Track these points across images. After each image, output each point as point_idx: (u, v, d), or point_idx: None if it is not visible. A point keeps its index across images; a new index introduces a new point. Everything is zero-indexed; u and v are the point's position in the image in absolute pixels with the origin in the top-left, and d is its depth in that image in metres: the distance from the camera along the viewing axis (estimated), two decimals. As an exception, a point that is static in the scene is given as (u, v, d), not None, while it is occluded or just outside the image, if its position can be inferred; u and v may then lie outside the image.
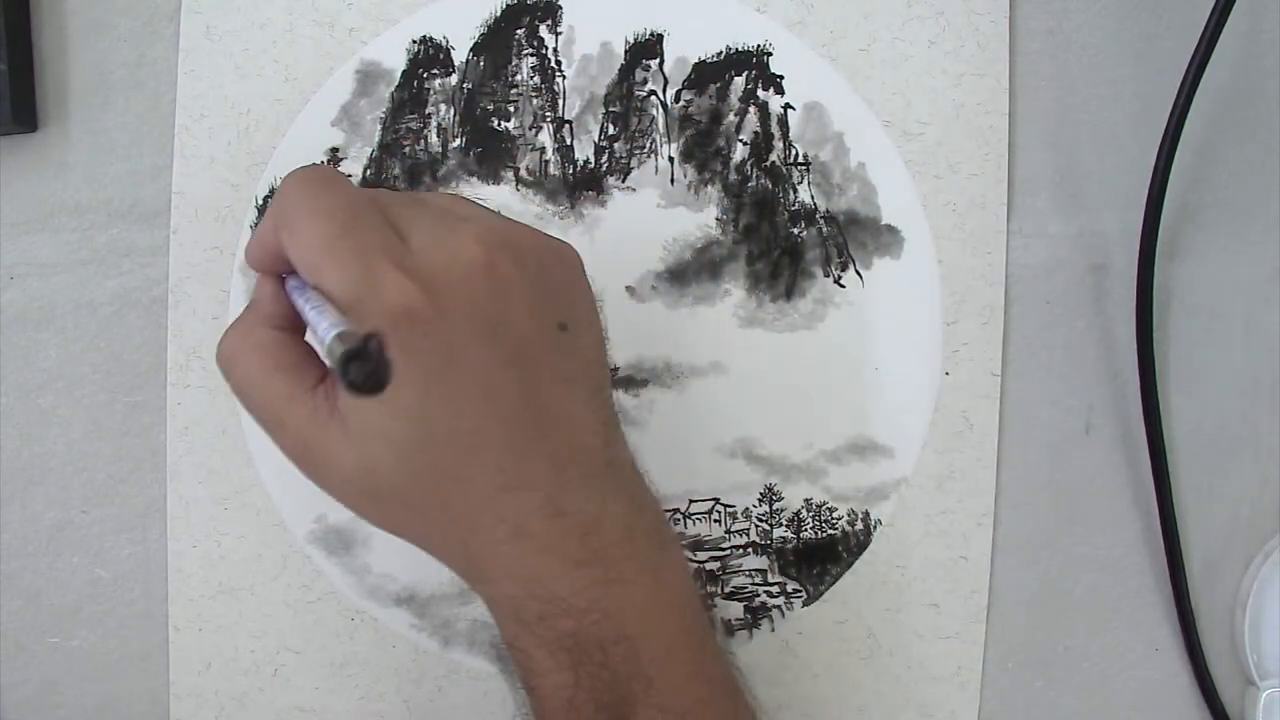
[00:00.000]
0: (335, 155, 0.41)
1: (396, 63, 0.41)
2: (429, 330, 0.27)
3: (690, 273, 0.41)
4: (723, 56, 0.41)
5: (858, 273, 0.41)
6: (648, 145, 0.41)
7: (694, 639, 0.31)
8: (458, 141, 0.41)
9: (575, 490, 0.29)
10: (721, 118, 0.41)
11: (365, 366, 0.22)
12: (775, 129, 0.41)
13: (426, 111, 0.41)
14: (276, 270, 0.31)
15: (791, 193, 0.41)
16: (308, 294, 0.28)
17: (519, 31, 0.41)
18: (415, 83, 0.41)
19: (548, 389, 0.29)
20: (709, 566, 0.41)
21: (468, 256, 0.28)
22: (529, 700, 0.31)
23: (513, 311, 0.29)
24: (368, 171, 0.41)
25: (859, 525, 0.41)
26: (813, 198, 0.41)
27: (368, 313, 0.27)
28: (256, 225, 0.41)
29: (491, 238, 0.29)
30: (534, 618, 0.29)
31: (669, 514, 0.41)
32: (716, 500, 0.41)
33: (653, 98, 0.41)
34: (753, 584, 0.41)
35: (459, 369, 0.28)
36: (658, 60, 0.41)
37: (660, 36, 0.41)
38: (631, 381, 0.41)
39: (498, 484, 0.28)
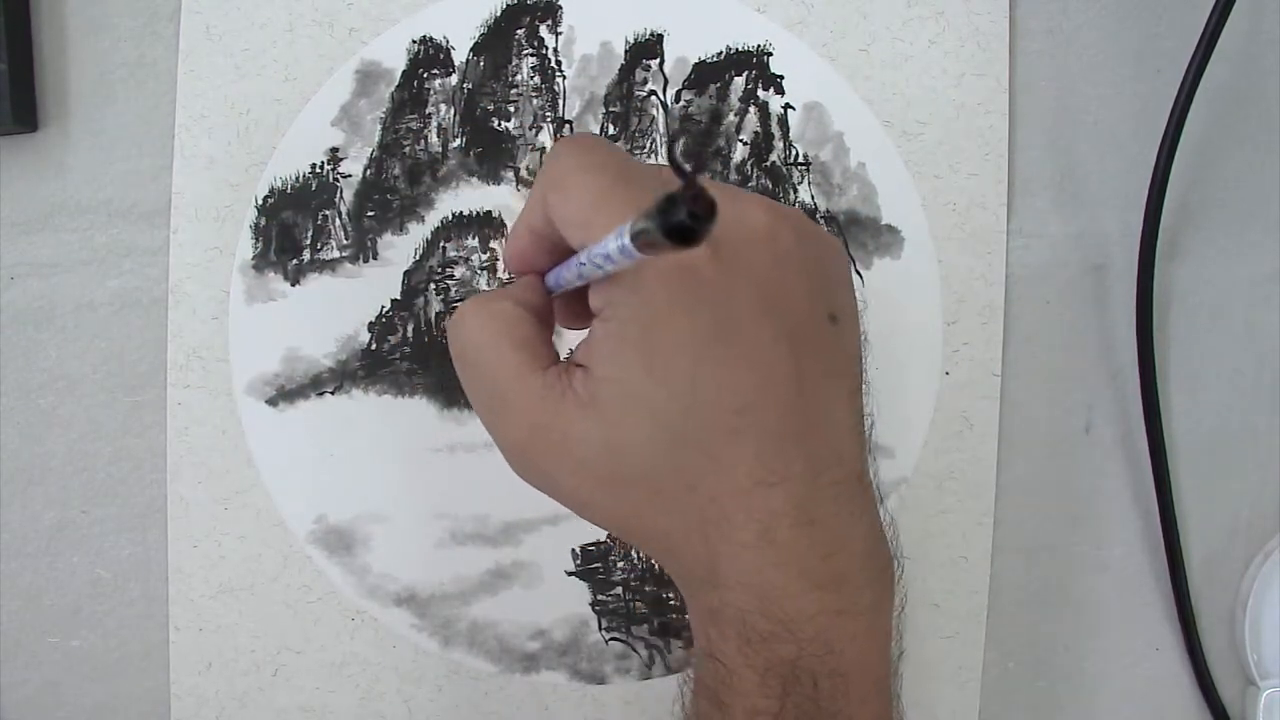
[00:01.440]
0: (335, 155, 0.41)
1: (397, 63, 0.41)
2: (709, 291, 0.25)
3: None
4: (723, 56, 0.41)
5: (858, 273, 0.41)
6: (648, 145, 0.41)
7: (889, 684, 0.29)
8: (458, 141, 0.41)
9: (827, 499, 0.26)
10: (721, 118, 0.41)
11: (692, 200, 0.18)
12: (775, 129, 0.41)
13: (427, 111, 0.41)
14: (536, 267, 0.29)
15: (792, 193, 0.41)
16: (578, 262, 0.26)
17: (519, 31, 0.41)
18: (415, 83, 0.41)
19: (814, 380, 0.26)
20: (709, 566, 0.41)
21: (754, 221, 0.26)
22: (705, 714, 0.28)
23: (792, 288, 0.26)
24: (368, 171, 0.41)
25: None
26: (813, 198, 0.41)
27: (642, 266, 0.24)
28: (257, 225, 0.41)
29: (775, 208, 0.27)
30: (759, 637, 0.26)
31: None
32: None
33: (653, 98, 0.41)
34: (753, 584, 0.41)
35: (736, 338, 0.25)
36: (658, 60, 0.41)
37: (660, 36, 0.41)
38: (632, 381, 0.41)
39: (756, 475, 0.26)
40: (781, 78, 0.41)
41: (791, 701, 0.26)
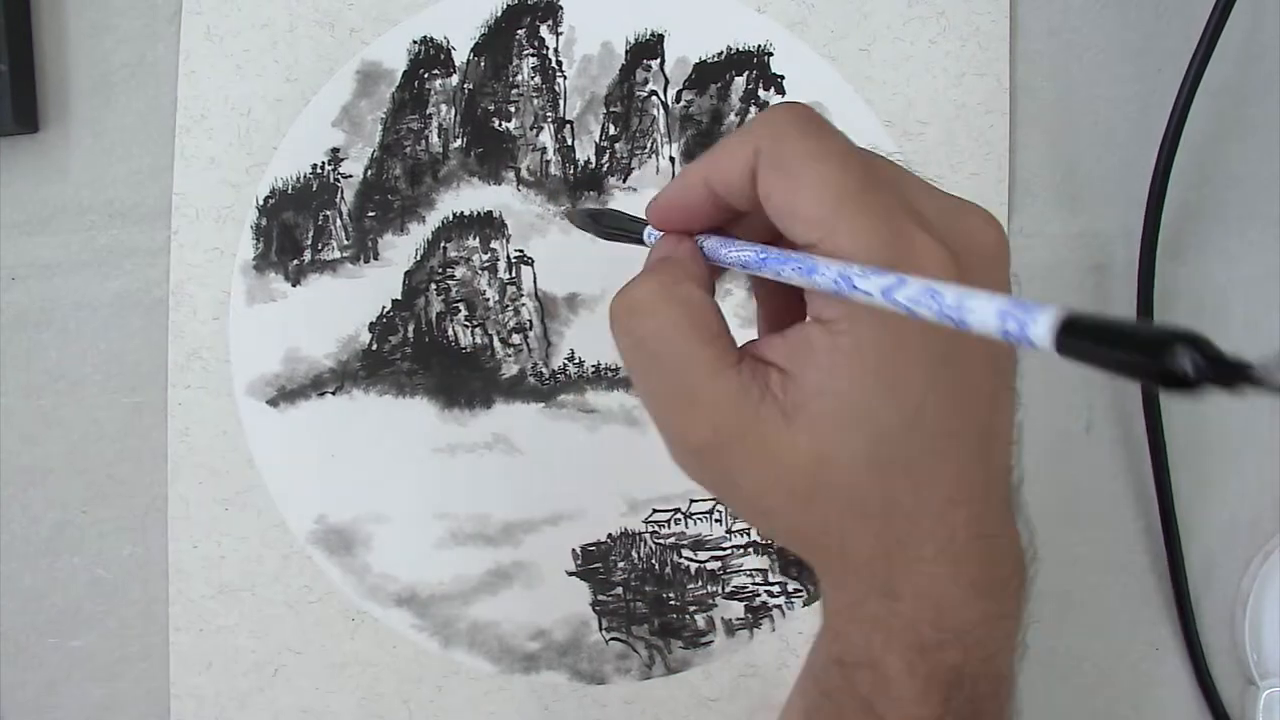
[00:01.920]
0: (336, 155, 0.41)
1: (397, 63, 0.41)
2: (947, 348, 0.24)
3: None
4: (723, 57, 0.41)
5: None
6: (649, 145, 0.41)
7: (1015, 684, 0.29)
8: (459, 142, 0.41)
9: (996, 512, 0.26)
10: (722, 118, 0.41)
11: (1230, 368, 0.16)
12: (776, 129, 0.41)
13: (427, 112, 0.41)
14: (695, 226, 0.27)
15: (792, 193, 0.41)
16: (799, 267, 0.24)
17: (520, 32, 0.41)
18: (416, 83, 0.41)
19: (1001, 397, 0.26)
20: (709, 566, 0.41)
21: (987, 238, 0.25)
22: (844, 713, 0.27)
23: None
24: (369, 172, 0.41)
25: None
26: (813, 198, 0.41)
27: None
28: (257, 226, 0.41)
29: (995, 221, 0.26)
30: (926, 646, 0.26)
31: (670, 513, 0.41)
32: (717, 500, 0.41)
33: (654, 98, 0.41)
34: (753, 584, 0.41)
35: (961, 360, 0.24)
36: (658, 60, 0.41)
37: (661, 37, 0.41)
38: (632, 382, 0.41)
39: (949, 494, 0.25)
40: (782, 78, 0.41)
41: (953, 706, 0.26)
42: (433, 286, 0.41)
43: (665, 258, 0.27)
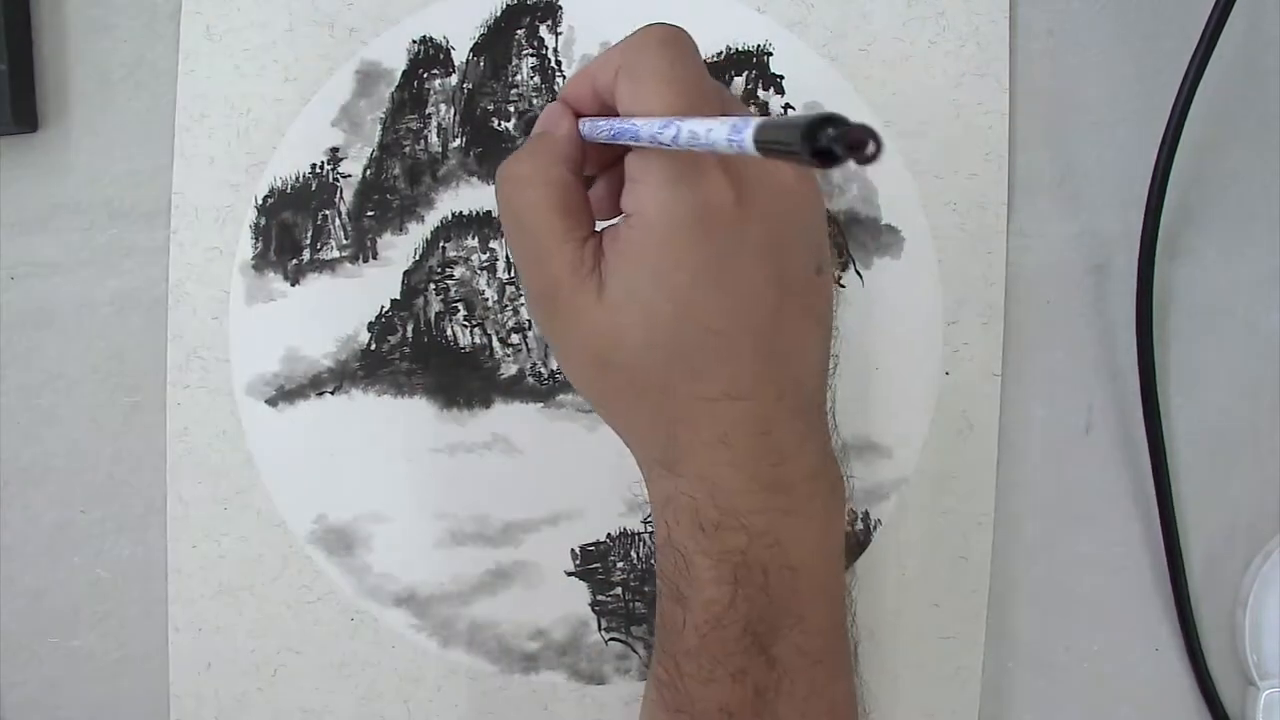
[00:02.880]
0: (335, 155, 0.41)
1: (397, 63, 0.41)
2: (725, 226, 0.28)
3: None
4: (723, 56, 0.41)
5: (858, 272, 0.41)
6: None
7: (839, 591, 0.32)
8: (458, 141, 0.41)
9: (785, 420, 0.30)
10: (721, 118, 0.41)
11: (846, 130, 0.20)
12: (775, 129, 0.41)
13: (427, 112, 0.41)
14: (586, 110, 0.31)
15: (791, 193, 0.41)
16: (645, 134, 0.27)
17: (519, 32, 0.41)
18: (415, 83, 0.41)
19: (794, 320, 0.30)
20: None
21: (783, 179, 0.30)
22: (668, 613, 0.31)
23: (792, 241, 0.30)
24: (368, 171, 0.41)
25: (859, 525, 0.41)
26: (813, 198, 0.41)
27: (680, 196, 0.28)
28: (257, 225, 0.41)
29: (807, 173, 0.30)
30: (710, 525, 0.30)
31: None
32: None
33: (653, 98, 0.41)
34: (753, 584, 0.41)
35: (734, 274, 0.29)
36: (658, 60, 0.41)
37: (660, 36, 0.41)
38: (631, 381, 0.41)
39: (724, 388, 0.29)
40: (781, 78, 0.41)
41: (744, 591, 0.30)
42: (432, 286, 0.41)
43: (545, 134, 0.31)
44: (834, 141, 0.20)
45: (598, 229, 0.31)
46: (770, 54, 0.41)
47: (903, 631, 0.41)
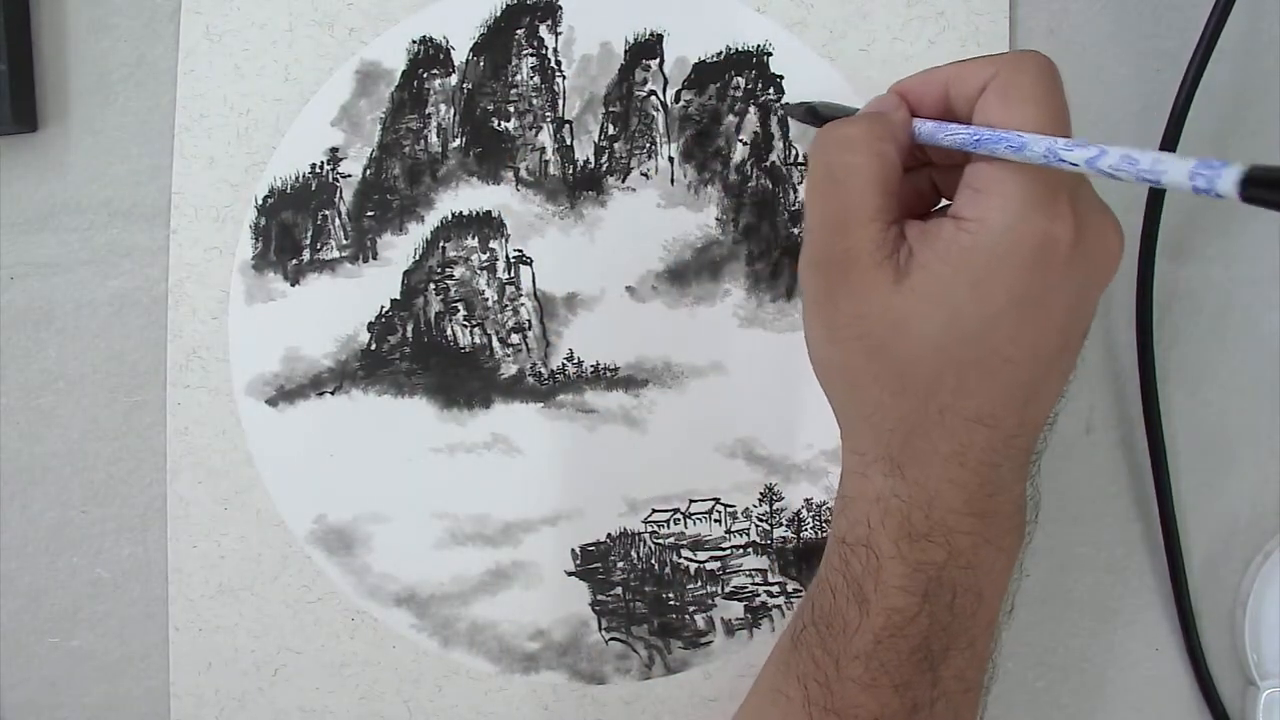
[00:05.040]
0: (335, 155, 0.41)
1: (396, 63, 0.41)
2: (1055, 264, 0.28)
3: (690, 273, 0.41)
4: (723, 56, 0.41)
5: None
6: (648, 145, 0.41)
7: (999, 627, 0.34)
8: (458, 141, 0.41)
9: (1013, 456, 0.31)
10: (721, 118, 0.41)
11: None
12: (775, 129, 0.41)
13: (426, 111, 0.41)
14: (924, 109, 0.31)
15: (792, 193, 0.41)
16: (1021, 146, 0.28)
17: (519, 31, 0.41)
18: (415, 83, 0.41)
19: (1058, 372, 0.31)
20: (709, 566, 0.41)
21: (1110, 241, 0.30)
22: (841, 611, 0.31)
23: (1091, 299, 0.31)
24: (367, 171, 0.41)
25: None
26: (813, 198, 0.41)
27: (1030, 219, 0.28)
28: (256, 225, 0.41)
29: (1123, 242, 0.31)
30: (917, 533, 0.30)
31: (669, 514, 0.41)
32: (717, 500, 0.41)
33: (653, 98, 0.41)
34: (753, 584, 0.41)
35: (1043, 311, 0.29)
36: (658, 60, 0.41)
37: (660, 37, 0.41)
38: (631, 381, 0.41)
39: (981, 411, 0.30)
40: (781, 78, 0.41)
41: (931, 605, 0.30)
42: (431, 286, 0.41)
43: (881, 113, 0.32)
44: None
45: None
46: (770, 54, 0.41)
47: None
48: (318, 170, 0.41)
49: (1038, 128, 0.28)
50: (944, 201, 0.34)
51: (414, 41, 0.41)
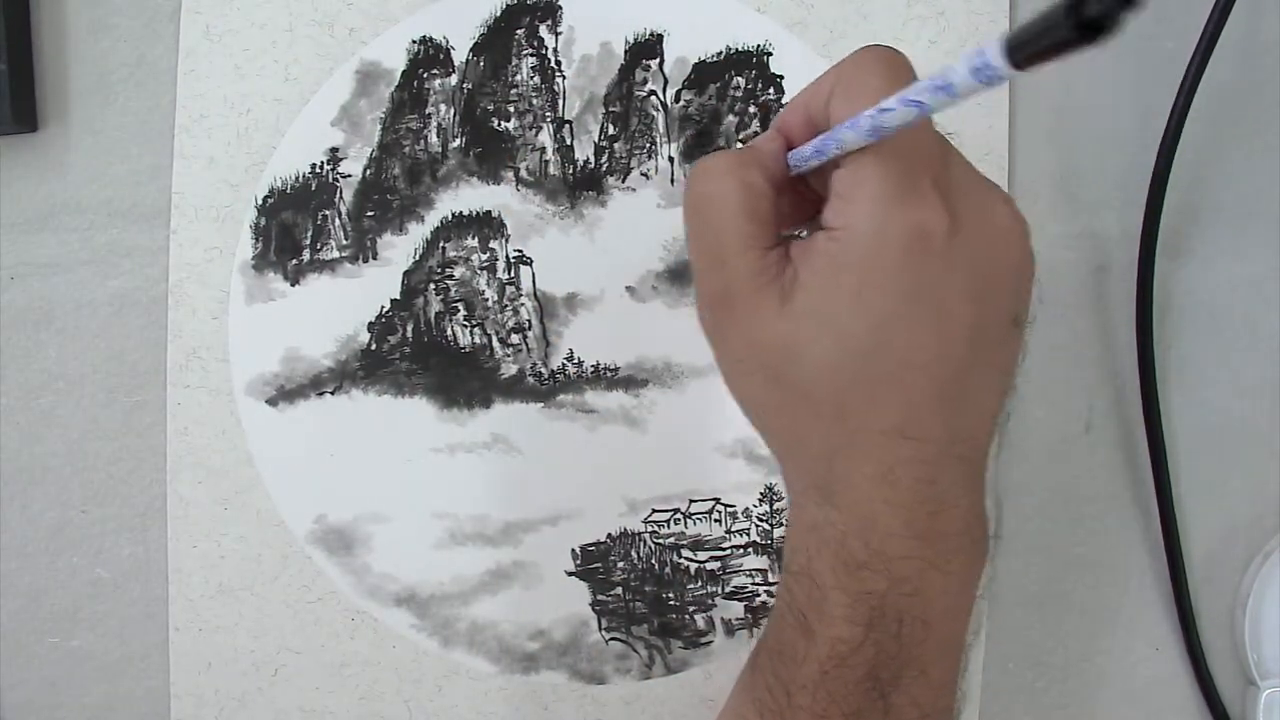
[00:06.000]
0: (335, 155, 0.41)
1: (396, 63, 0.41)
2: (933, 259, 0.27)
3: (690, 273, 0.41)
4: (723, 56, 0.41)
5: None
6: (648, 145, 0.41)
7: (962, 651, 0.31)
8: (458, 141, 0.41)
9: (951, 467, 0.29)
10: (721, 118, 0.41)
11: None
12: (775, 129, 0.41)
13: (426, 111, 0.41)
14: (797, 137, 0.30)
15: (791, 193, 0.41)
16: (857, 124, 0.26)
17: (519, 32, 0.41)
18: (415, 83, 0.41)
19: (983, 368, 0.29)
20: (709, 566, 0.41)
21: (998, 220, 0.28)
22: (789, 641, 0.30)
23: (997, 285, 0.29)
24: (367, 172, 0.41)
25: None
26: (813, 198, 0.41)
27: (894, 215, 0.27)
28: (256, 225, 0.41)
29: (1016, 212, 0.29)
30: (854, 563, 0.29)
31: (669, 514, 0.41)
32: (717, 500, 0.41)
33: (653, 98, 0.41)
34: (753, 584, 0.41)
35: (936, 307, 0.27)
36: (658, 60, 0.41)
37: (660, 36, 0.41)
38: (631, 381, 0.41)
39: (900, 423, 0.28)
40: (782, 78, 0.41)
41: (875, 636, 0.28)
42: (431, 286, 0.41)
43: (750, 147, 0.31)
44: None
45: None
46: (770, 54, 0.41)
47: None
48: (318, 170, 0.41)
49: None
50: None
51: (414, 41, 0.41)
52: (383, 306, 0.41)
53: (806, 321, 0.28)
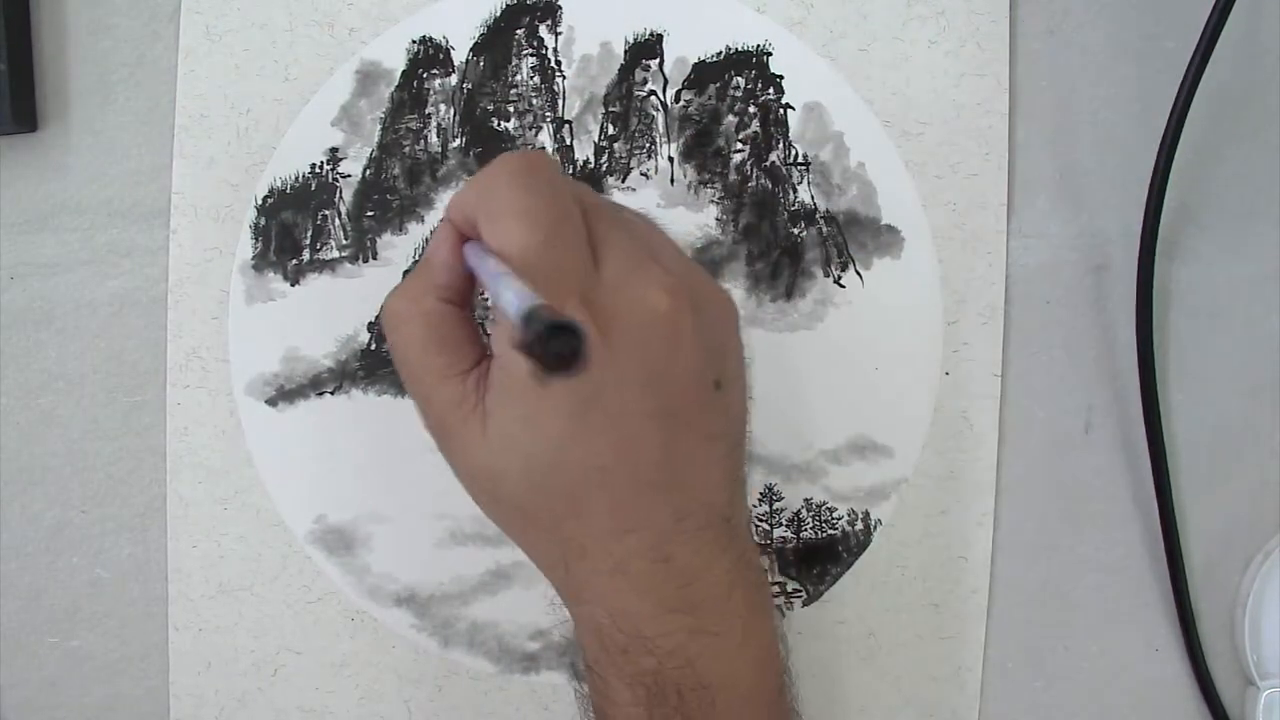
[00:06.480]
0: (334, 155, 0.41)
1: (396, 63, 0.41)
2: (594, 366, 0.26)
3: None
4: (722, 56, 0.41)
5: (858, 273, 0.41)
6: (647, 145, 0.41)
7: (769, 697, 0.32)
8: (458, 142, 0.41)
9: (687, 541, 0.29)
10: (721, 118, 0.41)
11: (568, 343, 0.21)
12: (775, 129, 0.41)
13: (426, 111, 0.41)
14: (465, 234, 0.30)
15: (791, 193, 0.41)
16: (491, 261, 0.28)
17: (519, 32, 0.41)
18: (415, 83, 0.41)
19: (689, 444, 0.29)
20: (709, 566, 0.41)
21: (652, 305, 0.28)
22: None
23: (678, 367, 0.28)
24: (367, 172, 0.41)
25: (859, 525, 0.41)
26: (812, 198, 0.41)
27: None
28: (256, 225, 0.41)
29: (679, 288, 0.28)
30: (617, 649, 0.29)
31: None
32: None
33: (652, 98, 0.41)
34: (753, 584, 0.41)
35: (608, 410, 0.28)
36: (657, 60, 0.41)
37: (660, 36, 0.41)
38: (631, 381, 0.41)
39: (614, 524, 0.29)
40: (781, 78, 0.41)
41: (660, 712, 0.29)
42: (432, 286, 0.41)
43: (424, 260, 0.31)
44: (562, 347, 0.21)
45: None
46: (770, 54, 0.41)
47: (903, 631, 0.41)
48: (318, 170, 0.41)
49: (521, 240, 0.27)
50: None
51: (414, 41, 0.41)
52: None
53: (499, 447, 0.28)
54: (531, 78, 0.41)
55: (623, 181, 0.41)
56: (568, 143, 0.41)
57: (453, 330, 0.30)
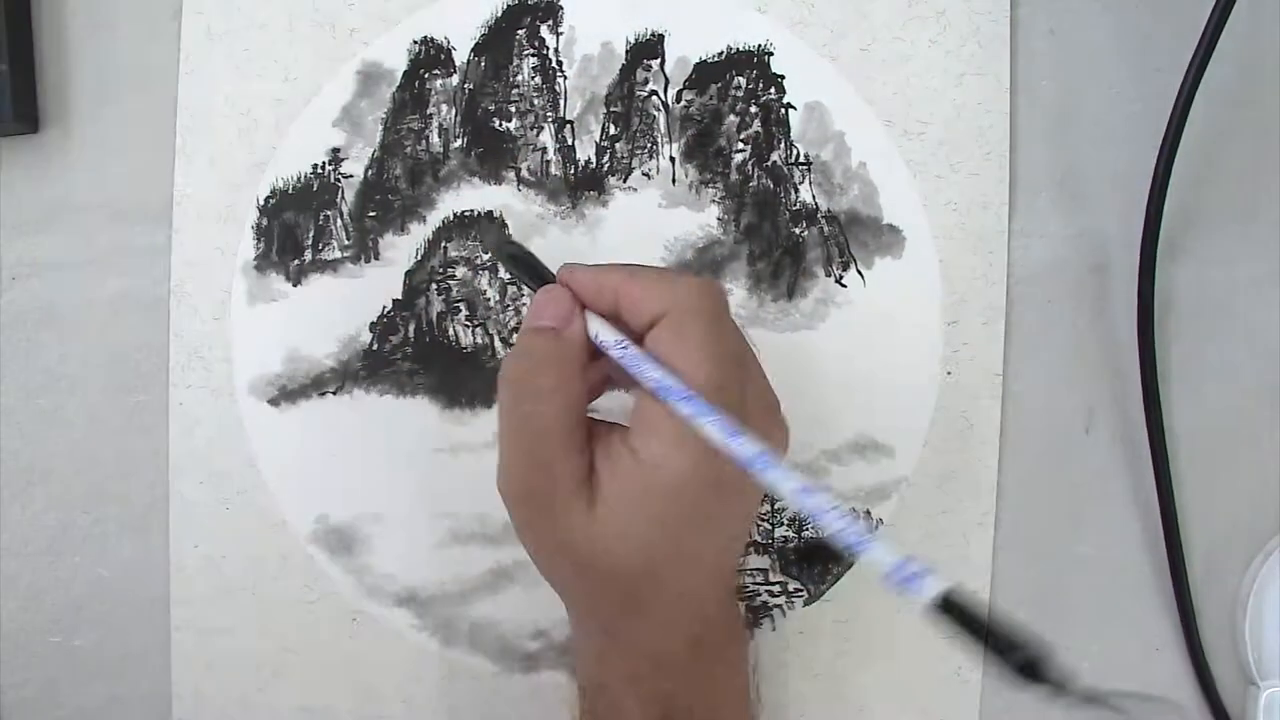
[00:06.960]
0: (336, 155, 0.41)
1: (398, 63, 0.41)
2: (728, 493, 0.30)
3: (692, 272, 0.41)
4: (724, 56, 0.41)
5: (859, 272, 0.41)
6: (649, 145, 0.41)
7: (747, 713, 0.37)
8: (459, 142, 0.41)
9: (718, 603, 0.35)
10: (722, 118, 0.41)
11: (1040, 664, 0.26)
12: (776, 129, 0.41)
13: (428, 112, 0.41)
14: (592, 305, 0.31)
15: (793, 192, 0.41)
16: (680, 403, 0.29)
17: (520, 32, 0.41)
18: (416, 83, 0.41)
19: (729, 549, 0.35)
20: (710, 566, 0.41)
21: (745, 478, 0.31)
22: None
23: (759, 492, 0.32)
24: (369, 172, 0.41)
25: (859, 525, 0.41)
26: (814, 197, 0.41)
27: (699, 460, 0.29)
28: (258, 226, 0.41)
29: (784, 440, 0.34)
30: (641, 674, 0.33)
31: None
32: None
33: (654, 98, 0.41)
34: (754, 583, 0.41)
35: (717, 524, 0.31)
36: (659, 60, 0.41)
37: (661, 36, 0.41)
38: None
39: (679, 597, 0.32)
40: (782, 77, 0.41)
41: None
42: (433, 286, 0.41)
43: (561, 337, 0.31)
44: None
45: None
46: (771, 54, 0.41)
47: (903, 631, 0.41)
48: (319, 170, 0.41)
49: (704, 376, 0.29)
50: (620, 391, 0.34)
51: (415, 42, 0.41)
52: (385, 306, 0.41)
53: (613, 529, 0.30)
54: (533, 78, 0.41)
55: (624, 181, 0.41)
56: (569, 143, 0.41)
57: (584, 408, 0.31)
